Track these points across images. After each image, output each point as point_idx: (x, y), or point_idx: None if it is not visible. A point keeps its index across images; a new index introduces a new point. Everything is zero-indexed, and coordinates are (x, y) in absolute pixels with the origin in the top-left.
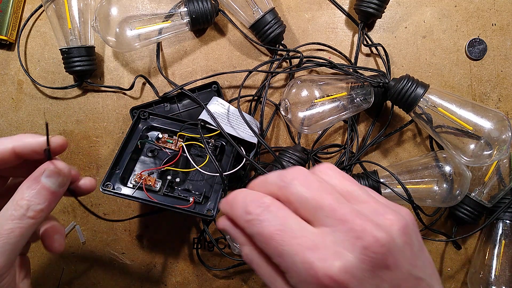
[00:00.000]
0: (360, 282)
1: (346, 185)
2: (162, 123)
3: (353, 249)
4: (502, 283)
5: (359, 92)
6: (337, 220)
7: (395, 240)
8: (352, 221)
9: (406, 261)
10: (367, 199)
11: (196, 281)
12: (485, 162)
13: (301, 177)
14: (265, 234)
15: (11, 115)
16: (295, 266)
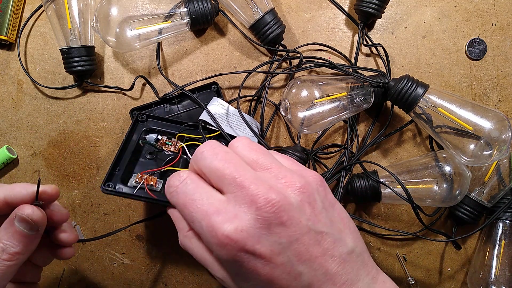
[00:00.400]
0: (257, 239)
1: (252, 154)
2: (160, 125)
3: (249, 211)
4: (502, 283)
5: (359, 92)
6: (237, 187)
7: (289, 199)
8: (248, 187)
9: (305, 217)
10: (270, 166)
11: (196, 281)
12: (485, 162)
13: (209, 150)
14: (179, 204)
15: (11, 115)
16: (203, 229)
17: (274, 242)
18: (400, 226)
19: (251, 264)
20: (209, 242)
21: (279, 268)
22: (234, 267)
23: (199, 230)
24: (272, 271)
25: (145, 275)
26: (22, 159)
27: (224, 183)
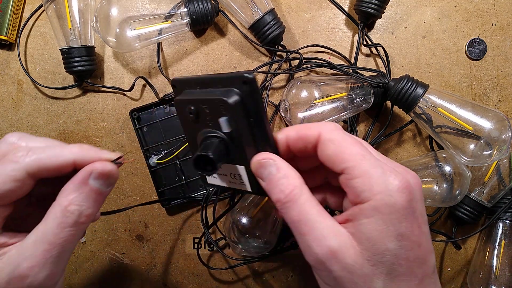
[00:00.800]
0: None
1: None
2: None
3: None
4: (502, 283)
5: (358, 92)
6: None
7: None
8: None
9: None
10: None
11: (196, 281)
12: (485, 162)
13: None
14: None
15: (11, 115)
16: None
17: (423, 210)
18: None
19: (411, 221)
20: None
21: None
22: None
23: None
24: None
25: (145, 275)
26: None
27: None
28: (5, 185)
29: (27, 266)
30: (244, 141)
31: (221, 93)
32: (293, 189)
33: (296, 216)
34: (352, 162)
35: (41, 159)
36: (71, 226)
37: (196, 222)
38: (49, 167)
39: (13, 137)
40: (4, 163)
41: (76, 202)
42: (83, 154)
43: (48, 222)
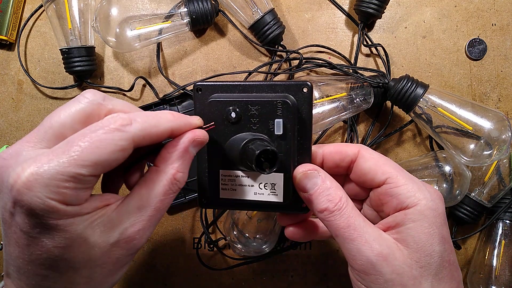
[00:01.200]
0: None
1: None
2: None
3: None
4: (502, 283)
5: (358, 92)
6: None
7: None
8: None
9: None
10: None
11: (196, 281)
12: (485, 162)
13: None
14: (384, 157)
15: (11, 115)
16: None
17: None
18: None
19: (446, 226)
20: (424, 188)
21: (450, 242)
22: (439, 222)
23: (410, 177)
24: (450, 241)
25: (145, 275)
26: None
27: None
28: (113, 155)
29: (134, 230)
30: (291, 147)
31: (277, 96)
32: (341, 199)
33: (345, 223)
34: (394, 173)
35: (145, 128)
36: (174, 193)
37: (196, 222)
38: (152, 136)
39: (96, 97)
40: (111, 132)
41: (181, 169)
42: (178, 123)
43: (155, 189)
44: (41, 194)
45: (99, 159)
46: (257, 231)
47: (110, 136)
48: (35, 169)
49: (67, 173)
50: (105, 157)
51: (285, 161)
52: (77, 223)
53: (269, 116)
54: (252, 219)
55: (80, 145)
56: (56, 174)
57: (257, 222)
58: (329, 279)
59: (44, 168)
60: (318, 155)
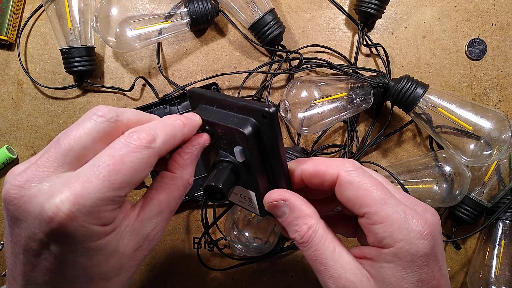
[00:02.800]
0: (439, 240)
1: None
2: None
3: (427, 214)
4: (502, 283)
5: (358, 92)
6: (405, 198)
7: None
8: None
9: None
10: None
11: (196, 281)
12: (485, 162)
13: (359, 168)
14: (369, 182)
15: (11, 115)
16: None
17: (442, 249)
18: None
19: (432, 266)
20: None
21: (443, 278)
22: (416, 266)
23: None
24: (440, 279)
25: (145, 275)
26: (22, 159)
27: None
28: (144, 172)
29: (155, 233)
30: (257, 171)
31: (238, 121)
32: (307, 230)
33: (312, 255)
34: (373, 208)
35: (167, 141)
36: (185, 195)
37: (196, 222)
38: (171, 147)
39: (112, 114)
40: (140, 150)
41: (192, 174)
42: (189, 129)
43: (173, 194)
44: (85, 223)
45: (134, 178)
46: (257, 231)
47: (139, 155)
48: (76, 199)
49: (106, 198)
50: (139, 175)
51: (252, 182)
52: (112, 239)
53: (232, 141)
54: (252, 219)
55: (113, 167)
56: (97, 201)
57: (257, 222)
58: None
59: (84, 197)
60: (296, 174)
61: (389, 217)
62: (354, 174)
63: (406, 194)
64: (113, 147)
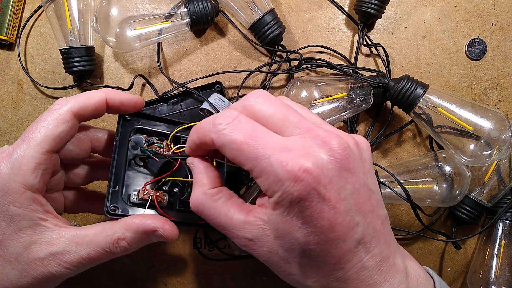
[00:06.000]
0: (329, 179)
1: (298, 108)
2: (150, 124)
3: (320, 151)
4: (502, 283)
5: (358, 92)
6: (304, 129)
7: (352, 149)
8: (316, 130)
9: (361, 170)
10: (320, 122)
11: (196, 281)
12: (485, 162)
13: (264, 96)
14: (238, 141)
15: (11, 115)
16: (271, 166)
17: (341, 187)
18: (400, 226)
19: (317, 206)
20: (277, 179)
21: (341, 216)
22: (297, 209)
23: (262, 168)
24: (335, 217)
25: (146, 274)
26: None
27: (287, 125)
28: (58, 128)
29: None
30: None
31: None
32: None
33: (213, 224)
34: (249, 165)
35: (80, 99)
36: (111, 254)
37: None
38: (88, 105)
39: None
40: (50, 111)
41: (129, 241)
42: (113, 94)
43: (99, 239)
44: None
45: (50, 133)
46: None
47: (49, 113)
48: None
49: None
50: (53, 131)
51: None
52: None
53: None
54: None
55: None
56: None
57: None
58: None
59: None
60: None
61: (263, 170)
62: (225, 132)
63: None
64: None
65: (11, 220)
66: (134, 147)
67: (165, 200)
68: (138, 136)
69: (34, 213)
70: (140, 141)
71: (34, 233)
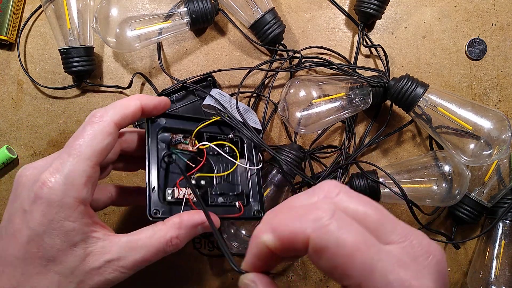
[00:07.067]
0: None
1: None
2: (175, 123)
3: (429, 264)
4: (502, 283)
5: (357, 92)
6: (402, 236)
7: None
8: (414, 236)
9: None
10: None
11: (196, 281)
12: (485, 162)
13: (344, 191)
14: (348, 244)
15: (11, 115)
16: (390, 285)
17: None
18: None
19: None
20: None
21: None
22: None
23: (377, 285)
24: None
25: (145, 274)
26: (22, 159)
27: (384, 231)
28: (104, 141)
29: (120, 266)
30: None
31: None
32: None
33: None
34: (357, 279)
35: (118, 110)
36: (164, 253)
37: None
38: (128, 115)
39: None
40: (91, 124)
41: (181, 238)
42: (146, 99)
43: (154, 240)
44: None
45: (96, 147)
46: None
47: (93, 126)
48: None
49: (80, 170)
50: (99, 144)
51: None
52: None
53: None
54: None
55: (78, 142)
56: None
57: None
58: (329, 279)
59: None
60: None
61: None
62: (330, 230)
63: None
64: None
65: (65, 235)
66: (161, 146)
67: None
68: (163, 135)
69: (86, 226)
70: (166, 139)
71: (87, 246)
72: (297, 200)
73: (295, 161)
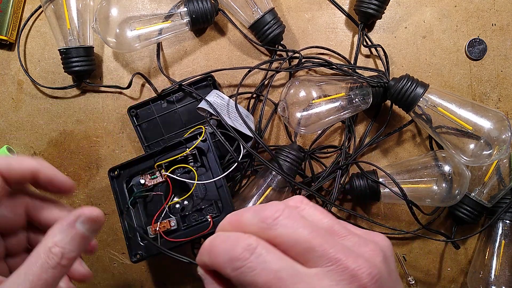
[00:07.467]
0: None
1: (327, 221)
2: (136, 167)
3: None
4: (502, 283)
5: (357, 92)
6: (330, 260)
7: (381, 271)
8: (345, 260)
9: (390, 285)
10: (346, 233)
11: (196, 281)
12: (485, 162)
13: (284, 216)
14: (260, 283)
15: (11, 115)
16: None
17: None
18: (400, 226)
19: None
20: None
21: None
22: None
23: None
24: None
25: (145, 275)
26: None
27: (312, 256)
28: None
29: None
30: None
31: None
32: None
33: None
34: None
35: (8, 161)
36: (52, 268)
37: None
38: (16, 169)
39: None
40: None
41: (60, 244)
42: (42, 165)
43: (31, 263)
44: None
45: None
46: None
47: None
48: None
49: None
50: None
51: None
52: None
53: None
54: None
55: None
56: None
57: None
58: None
59: None
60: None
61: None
62: (244, 272)
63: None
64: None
65: None
66: (130, 190)
67: (174, 222)
68: (135, 180)
69: None
70: (138, 182)
71: None
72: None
73: (295, 161)
